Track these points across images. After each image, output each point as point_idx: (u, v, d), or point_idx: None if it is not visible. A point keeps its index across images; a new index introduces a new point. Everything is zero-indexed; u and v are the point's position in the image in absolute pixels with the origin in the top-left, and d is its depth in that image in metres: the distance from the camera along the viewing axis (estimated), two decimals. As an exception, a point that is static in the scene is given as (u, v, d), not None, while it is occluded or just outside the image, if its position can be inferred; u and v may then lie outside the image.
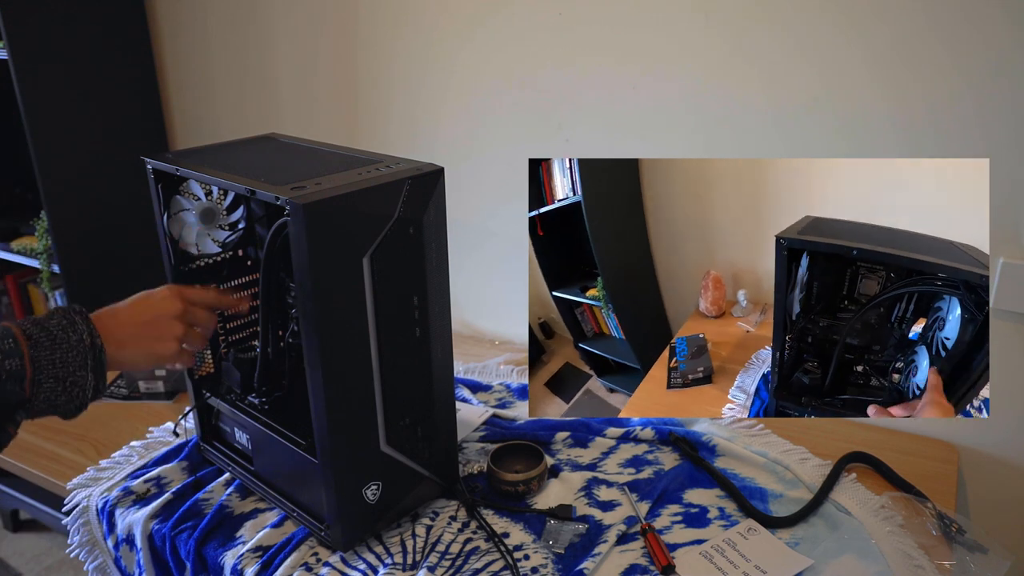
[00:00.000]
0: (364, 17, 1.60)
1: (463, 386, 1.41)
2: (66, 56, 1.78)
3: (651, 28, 1.31)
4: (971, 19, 1.09)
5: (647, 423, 1.26)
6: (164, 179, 1.04)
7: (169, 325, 0.88)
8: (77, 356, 0.75)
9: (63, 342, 0.74)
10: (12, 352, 0.71)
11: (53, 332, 0.74)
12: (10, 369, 0.71)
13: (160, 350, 0.87)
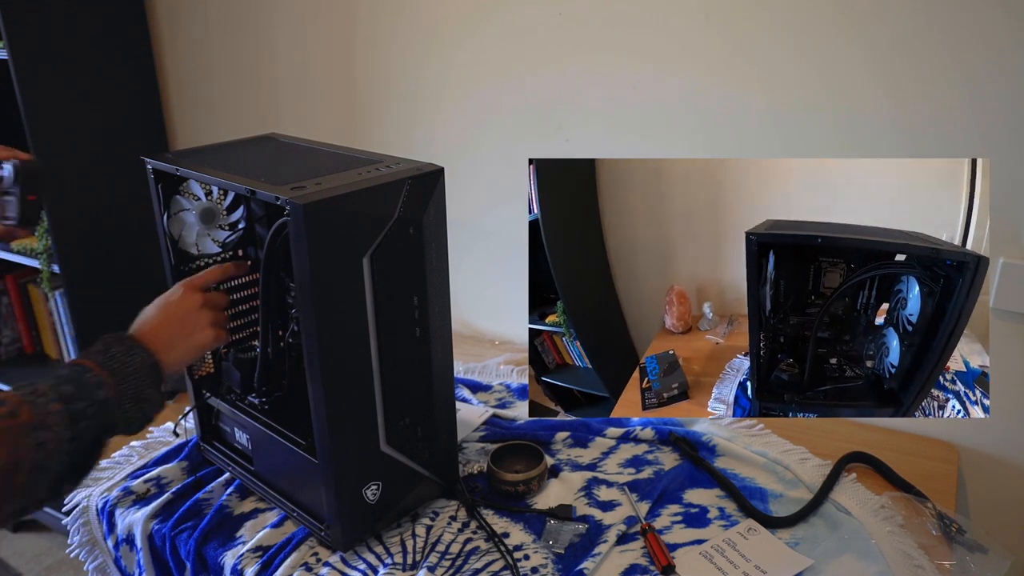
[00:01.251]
0: (364, 17, 1.60)
1: (463, 386, 1.41)
2: (66, 56, 1.78)
3: (651, 28, 1.31)
4: (971, 19, 1.09)
5: (647, 423, 1.26)
6: (164, 179, 1.04)
7: (198, 316, 0.93)
8: (145, 377, 0.82)
9: (131, 367, 0.81)
10: (98, 383, 0.77)
11: (122, 360, 0.81)
12: (101, 399, 0.77)
13: (201, 340, 0.93)
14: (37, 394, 0.73)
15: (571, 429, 1.26)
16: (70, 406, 0.74)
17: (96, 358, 0.80)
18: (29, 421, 0.70)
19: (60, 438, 0.72)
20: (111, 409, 0.78)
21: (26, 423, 0.70)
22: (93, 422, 0.76)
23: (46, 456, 0.71)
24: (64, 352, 2.17)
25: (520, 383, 1.44)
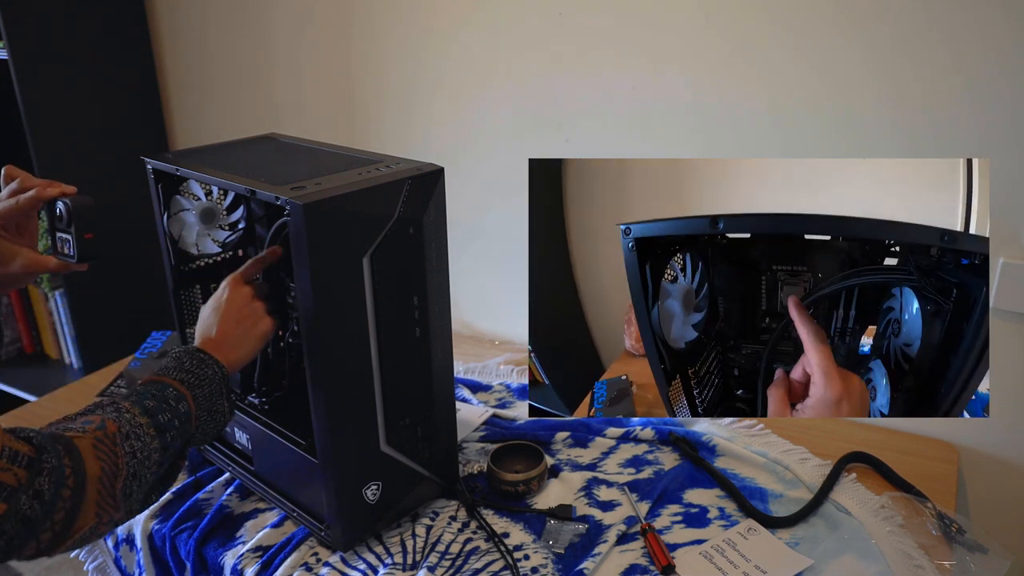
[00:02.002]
0: (363, 16, 1.60)
1: (463, 386, 1.41)
2: (66, 56, 1.78)
3: (651, 28, 1.31)
4: (971, 19, 1.09)
5: (647, 423, 1.26)
6: (164, 179, 1.04)
7: (253, 308, 0.93)
8: (216, 388, 0.84)
9: (204, 378, 0.83)
10: (180, 398, 0.80)
11: (195, 372, 0.83)
12: (184, 412, 0.79)
13: (262, 329, 0.93)
14: (122, 410, 0.75)
15: (571, 429, 1.26)
16: (156, 419, 0.76)
17: (174, 374, 0.82)
18: (117, 431, 0.72)
19: (149, 448, 0.74)
20: (191, 421, 0.80)
21: (115, 433, 0.72)
22: (178, 434, 0.78)
23: (139, 464, 0.73)
24: (64, 352, 2.17)
25: (520, 383, 1.44)
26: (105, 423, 0.72)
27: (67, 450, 0.67)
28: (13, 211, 0.90)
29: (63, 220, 0.91)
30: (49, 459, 0.65)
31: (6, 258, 0.90)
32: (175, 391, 0.80)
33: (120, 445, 0.72)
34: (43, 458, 0.65)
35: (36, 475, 0.64)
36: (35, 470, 0.64)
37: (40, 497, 0.64)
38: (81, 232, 0.91)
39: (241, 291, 0.93)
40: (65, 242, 0.92)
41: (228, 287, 0.93)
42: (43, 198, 0.90)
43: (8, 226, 0.90)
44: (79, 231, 0.91)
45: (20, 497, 0.63)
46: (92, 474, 0.68)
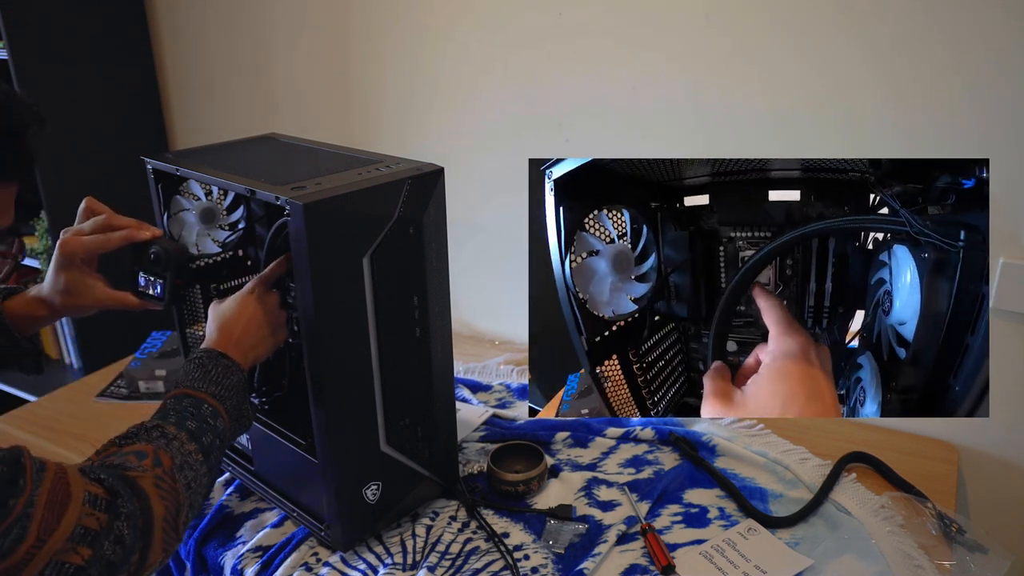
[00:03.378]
0: (363, 16, 1.60)
1: (463, 386, 1.41)
2: (66, 56, 1.78)
3: (651, 28, 1.31)
4: (971, 19, 1.09)
5: (647, 423, 1.26)
6: (164, 179, 1.04)
7: (279, 315, 0.94)
8: (241, 394, 0.85)
9: (231, 387, 0.84)
10: (216, 414, 0.81)
11: (223, 383, 0.83)
12: (221, 428, 0.81)
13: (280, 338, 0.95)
14: (169, 437, 0.75)
15: (571, 429, 1.26)
16: (201, 442, 0.77)
17: (204, 387, 0.82)
18: (173, 464, 0.73)
19: (200, 474, 0.75)
20: (227, 434, 0.81)
21: (172, 467, 0.73)
22: (219, 452, 0.80)
23: (194, 494, 0.74)
24: (64, 352, 2.17)
25: (520, 383, 1.44)
26: (160, 457, 0.72)
27: (134, 492, 0.68)
28: (102, 247, 0.91)
29: (159, 264, 0.92)
30: (125, 504, 0.66)
31: (79, 291, 0.91)
32: (211, 408, 0.81)
33: (178, 480, 0.72)
34: (119, 502, 0.66)
35: (115, 519, 0.65)
36: (114, 514, 0.65)
37: (121, 542, 0.65)
38: (175, 277, 0.93)
39: (272, 296, 0.94)
40: (153, 284, 0.94)
41: (258, 288, 0.92)
42: (135, 240, 0.93)
43: (88, 260, 0.92)
44: (173, 276, 0.93)
45: (103, 542, 0.63)
46: (158, 515, 0.69)
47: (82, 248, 0.90)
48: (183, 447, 0.75)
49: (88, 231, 0.92)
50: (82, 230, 0.93)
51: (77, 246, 0.90)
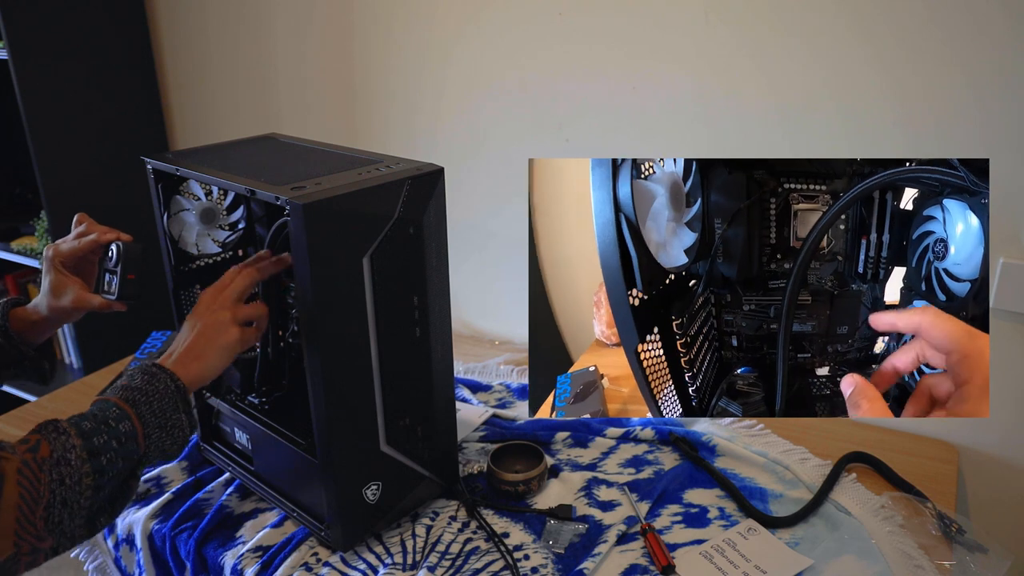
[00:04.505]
0: (363, 16, 1.60)
1: (463, 386, 1.41)
2: (66, 56, 1.78)
3: (651, 27, 1.31)
4: (973, 19, 1.09)
5: (647, 423, 1.26)
6: (164, 179, 1.04)
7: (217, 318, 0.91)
8: (169, 403, 0.83)
9: (154, 394, 0.82)
10: (121, 416, 0.79)
11: (144, 389, 0.82)
12: (125, 431, 0.78)
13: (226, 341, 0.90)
14: (59, 431, 0.74)
15: (571, 429, 1.26)
16: (90, 441, 0.75)
17: (119, 392, 0.82)
18: (48, 456, 0.72)
19: (80, 472, 0.73)
20: (137, 441, 0.79)
21: (46, 458, 0.71)
22: (116, 454, 0.77)
23: (67, 491, 0.72)
24: (64, 352, 2.17)
25: (520, 383, 1.44)
26: (40, 445, 0.72)
27: None
28: (75, 251, 0.99)
29: (111, 260, 0.98)
30: None
31: (59, 291, 0.97)
32: (117, 410, 0.79)
33: (47, 472, 0.70)
34: None
35: None
36: None
37: None
38: (125, 272, 0.97)
39: (209, 301, 0.91)
40: (110, 281, 0.98)
41: (201, 296, 0.92)
42: (101, 242, 0.99)
43: (67, 264, 0.99)
44: (124, 271, 0.97)
45: None
46: (8, 501, 0.67)
47: (59, 253, 0.98)
48: (68, 441, 0.73)
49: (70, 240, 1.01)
50: (67, 239, 1.01)
51: (56, 251, 0.99)
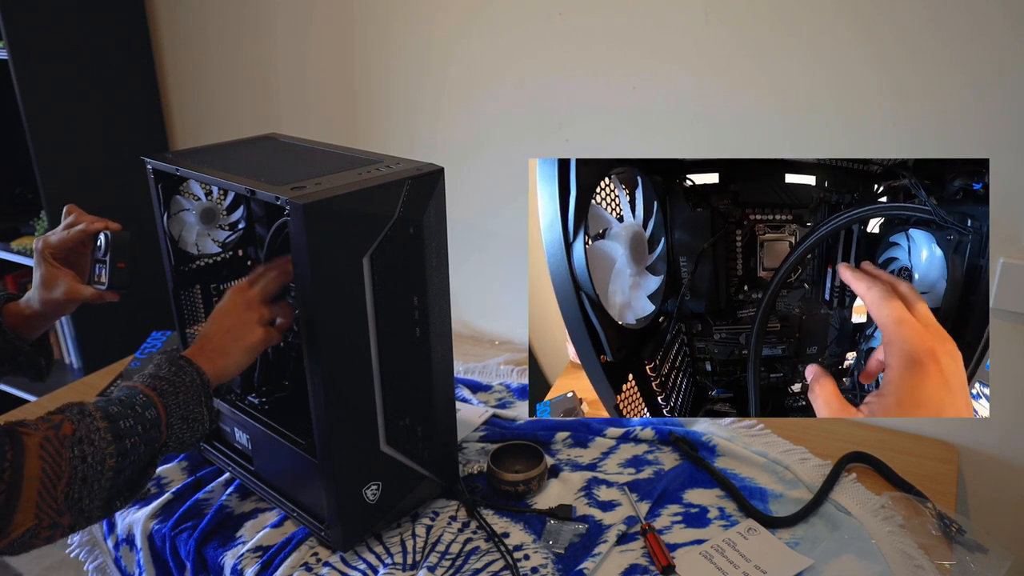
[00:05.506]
0: (363, 16, 1.60)
1: (463, 386, 1.41)
2: (66, 56, 1.78)
3: (651, 27, 1.31)
4: (973, 19, 1.09)
5: (647, 423, 1.26)
6: (164, 179, 1.04)
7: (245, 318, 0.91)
8: (193, 395, 0.83)
9: (180, 385, 0.83)
10: (148, 404, 0.79)
11: (171, 380, 0.82)
12: (151, 418, 0.79)
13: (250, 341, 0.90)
14: (85, 413, 0.75)
15: (571, 429, 1.26)
16: (116, 424, 0.76)
17: (146, 380, 0.82)
18: (71, 434, 0.72)
19: (104, 453, 0.74)
20: (160, 429, 0.80)
21: (68, 435, 0.72)
22: (140, 440, 0.77)
23: (89, 469, 0.73)
24: (64, 352, 2.17)
25: (520, 383, 1.44)
26: (63, 424, 0.72)
27: (12, 444, 0.68)
28: (64, 242, 0.97)
29: (101, 250, 0.97)
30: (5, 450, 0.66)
31: (50, 283, 0.96)
32: (144, 397, 0.80)
33: (69, 448, 0.71)
34: None
35: None
36: None
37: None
38: (115, 261, 0.97)
39: (237, 299, 0.92)
40: (100, 272, 0.98)
41: (229, 293, 0.93)
42: (90, 231, 0.98)
43: (58, 255, 0.97)
44: (113, 260, 0.97)
45: None
46: (31, 473, 0.68)
47: (48, 245, 0.97)
48: (93, 423, 0.74)
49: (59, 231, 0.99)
50: (56, 231, 0.99)
51: (45, 243, 0.97)
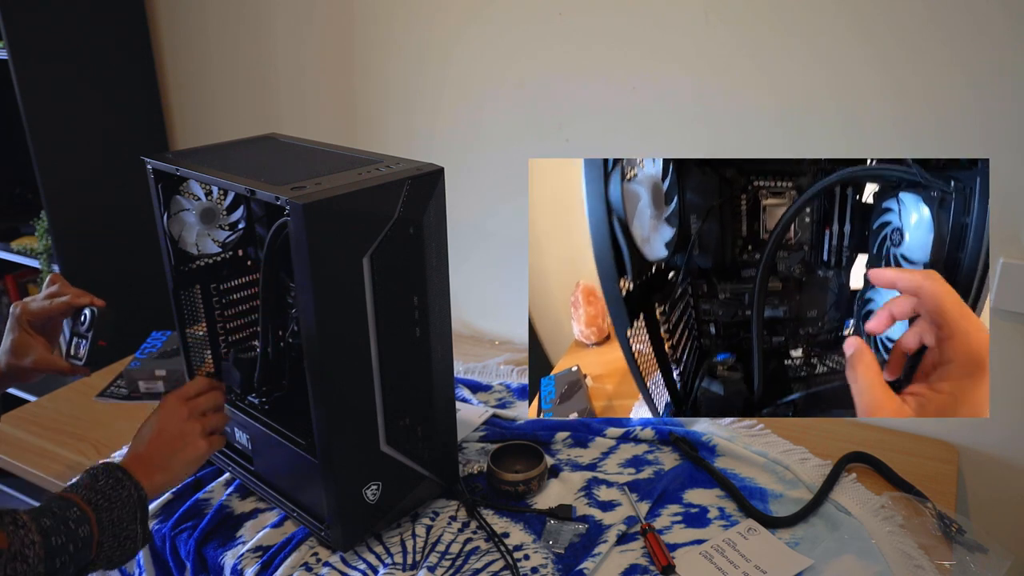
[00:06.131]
0: (363, 17, 1.60)
1: (463, 386, 1.41)
2: (66, 56, 1.78)
3: (651, 27, 1.31)
4: (973, 19, 1.09)
5: (647, 423, 1.26)
6: (164, 179, 1.04)
7: (184, 429, 0.91)
8: (128, 512, 0.81)
9: (116, 500, 0.80)
10: (81, 519, 0.77)
11: (107, 493, 0.80)
12: (83, 536, 0.76)
13: (193, 454, 0.92)
14: (18, 524, 0.72)
15: (571, 429, 1.26)
16: (49, 540, 0.73)
17: (83, 493, 0.80)
18: (6, 549, 0.70)
19: (35, 571, 0.71)
20: (91, 546, 0.77)
21: (3, 550, 0.69)
22: (71, 559, 0.75)
23: None
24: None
25: (520, 383, 1.44)
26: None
27: None
28: (45, 311, 0.96)
29: (84, 324, 0.98)
30: None
31: (22, 352, 0.95)
32: (78, 511, 0.77)
33: (2, 566, 0.69)
34: None
35: None
36: None
37: None
38: (96, 339, 0.97)
39: (177, 410, 0.92)
40: (79, 345, 0.98)
41: (166, 403, 0.92)
42: (74, 305, 0.97)
43: (35, 324, 0.97)
44: (95, 337, 0.97)
45: None
46: None
47: (27, 312, 0.96)
48: (27, 536, 0.71)
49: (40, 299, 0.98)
50: (36, 298, 0.98)
51: (24, 310, 0.96)
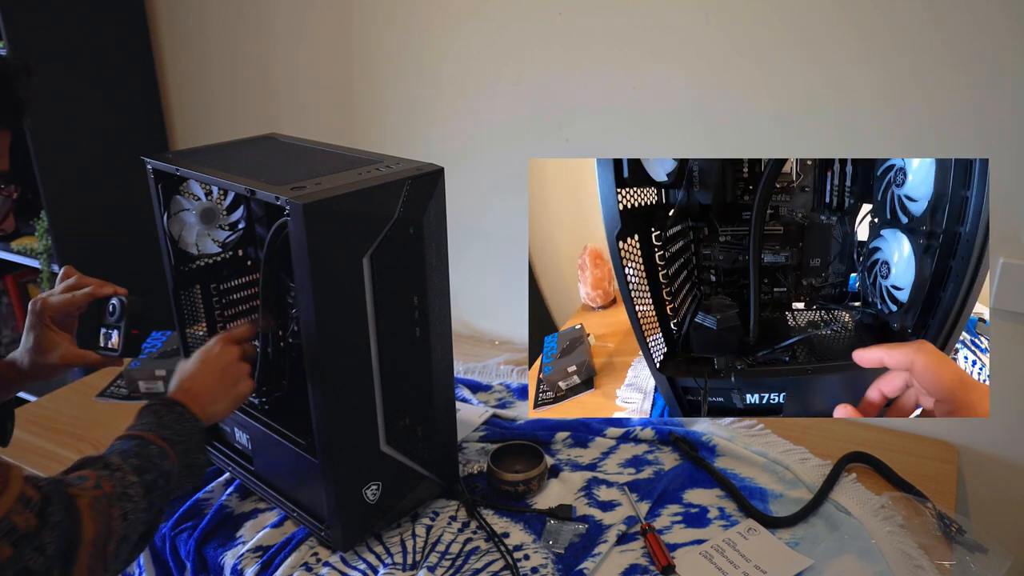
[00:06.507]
0: (363, 16, 1.60)
1: (463, 386, 1.41)
2: (66, 56, 1.78)
3: (651, 27, 1.31)
4: (972, 19, 1.09)
5: (647, 423, 1.26)
6: (164, 179, 1.04)
7: (237, 368, 0.93)
8: (195, 442, 0.84)
9: (183, 433, 0.83)
10: (163, 455, 0.79)
11: (175, 428, 0.83)
12: (168, 469, 0.79)
13: (242, 391, 0.94)
14: (113, 467, 0.75)
15: (571, 429, 1.26)
16: (144, 477, 0.76)
17: (154, 430, 0.82)
18: (113, 492, 0.72)
19: (139, 508, 0.74)
20: (174, 478, 0.80)
21: (111, 494, 0.72)
22: (162, 493, 0.78)
23: (129, 526, 0.73)
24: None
25: (520, 383, 1.44)
26: (101, 483, 0.72)
27: (67, 505, 0.67)
28: (68, 305, 0.94)
29: (114, 315, 0.96)
30: (55, 512, 0.66)
31: (47, 348, 0.93)
32: (158, 449, 0.79)
33: (115, 506, 0.71)
34: (49, 509, 0.65)
35: (43, 527, 0.64)
36: (43, 521, 0.65)
37: (43, 551, 0.64)
38: (130, 328, 0.96)
39: (231, 350, 0.94)
40: (108, 336, 0.96)
41: (218, 344, 0.94)
42: (98, 295, 0.96)
43: (56, 318, 0.94)
44: (128, 326, 0.96)
45: (26, 548, 0.63)
46: (87, 535, 0.68)
47: (49, 307, 0.94)
48: (125, 478, 0.74)
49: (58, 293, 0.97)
50: (53, 292, 0.97)
51: (45, 305, 0.94)
